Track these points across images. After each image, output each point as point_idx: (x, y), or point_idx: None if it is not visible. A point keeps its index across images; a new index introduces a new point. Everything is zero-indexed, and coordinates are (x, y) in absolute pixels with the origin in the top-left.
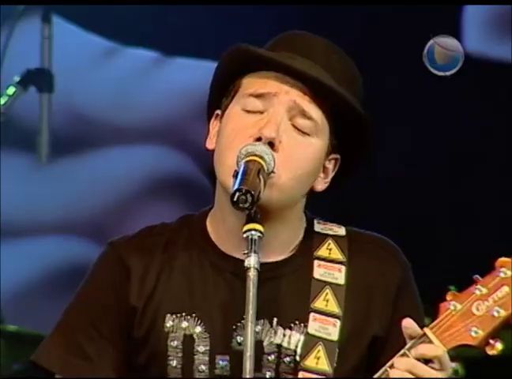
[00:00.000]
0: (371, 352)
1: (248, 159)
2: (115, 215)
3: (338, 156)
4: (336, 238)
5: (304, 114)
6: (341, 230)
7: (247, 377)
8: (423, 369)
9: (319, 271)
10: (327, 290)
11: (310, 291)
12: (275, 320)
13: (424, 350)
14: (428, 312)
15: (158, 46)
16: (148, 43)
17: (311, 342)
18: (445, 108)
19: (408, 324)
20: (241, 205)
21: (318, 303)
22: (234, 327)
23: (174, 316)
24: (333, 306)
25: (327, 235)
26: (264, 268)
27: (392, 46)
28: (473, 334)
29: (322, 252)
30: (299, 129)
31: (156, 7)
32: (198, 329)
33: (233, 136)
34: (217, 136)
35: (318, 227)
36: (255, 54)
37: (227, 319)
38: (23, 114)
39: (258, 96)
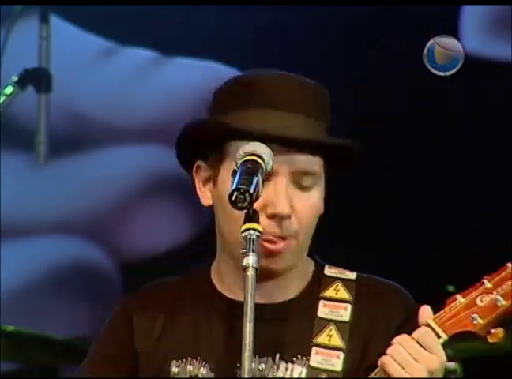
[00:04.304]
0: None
1: (247, 158)
2: (114, 215)
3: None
4: (345, 281)
5: (306, 173)
6: (352, 275)
7: (246, 376)
8: (411, 346)
9: (324, 310)
10: (331, 327)
11: (314, 329)
12: (277, 355)
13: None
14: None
15: (157, 45)
16: (146, 43)
17: (314, 373)
18: (445, 108)
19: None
20: (239, 205)
21: (321, 339)
22: (238, 365)
23: (179, 361)
24: (337, 341)
25: (336, 278)
26: (269, 309)
27: (392, 46)
28: (474, 321)
29: (329, 293)
30: (303, 187)
31: (155, 7)
32: (203, 370)
33: (240, 216)
34: (215, 200)
35: (329, 270)
36: (235, 130)
37: (232, 359)
38: (21, 113)
39: None
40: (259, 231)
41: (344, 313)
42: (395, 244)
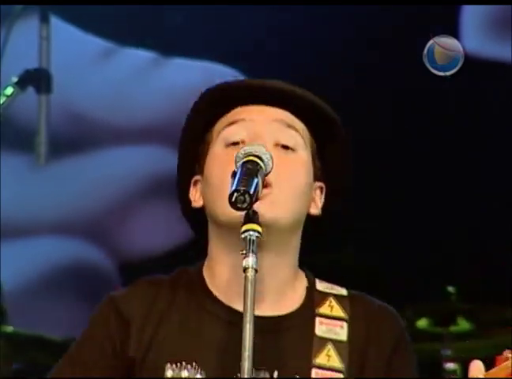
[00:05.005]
0: None
1: (246, 159)
2: (115, 215)
3: (323, 185)
4: (337, 297)
5: (286, 127)
6: (343, 291)
7: (246, 376)
8: None
9: (321, 328)
10: (329, 347)
11: (312, 348)
12: (275, 373)
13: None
14: (428, 310)
15: (156, 46)
16: (146, 43)
17: None
18: (445, 108)
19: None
20: (239, 205)
21: (320, 359)
22: (234, 376)
23: (174, 365)
24: (336, 362)
25: (329, 294)
26: (266, 321)
27: (392, 46)
28: None
29: (324, 309)
30: (283, 146)
31: (155, 7)
32: (199, 377)
33: (225, 174)
34: (204, 186)
35: (320, 285)
36: (225, 91)
37: (227, 367)
38: (21, 114)
39: (234, 122)
40: (259, 232)
41: (341, 331)
42: (395, 244)
